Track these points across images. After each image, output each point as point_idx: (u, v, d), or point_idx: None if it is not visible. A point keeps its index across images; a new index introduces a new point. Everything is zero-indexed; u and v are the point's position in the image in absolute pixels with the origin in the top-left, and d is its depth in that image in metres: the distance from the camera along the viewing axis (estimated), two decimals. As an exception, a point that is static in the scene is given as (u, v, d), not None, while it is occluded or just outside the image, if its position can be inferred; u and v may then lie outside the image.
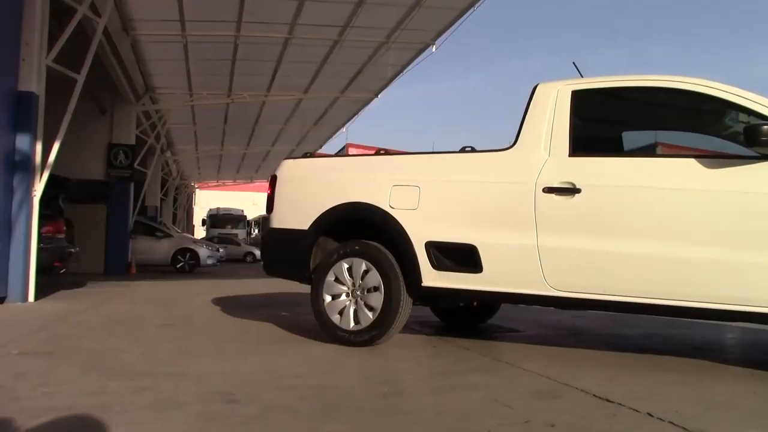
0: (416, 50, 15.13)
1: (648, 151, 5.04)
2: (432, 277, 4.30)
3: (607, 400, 3.00)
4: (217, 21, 13.02)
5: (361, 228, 4.68)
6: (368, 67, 16.18)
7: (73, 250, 9.87)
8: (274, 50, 14.74)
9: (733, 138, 3.95)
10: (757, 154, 3.51)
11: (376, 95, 19.02)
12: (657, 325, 5.62)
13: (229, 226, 38.47)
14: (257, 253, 28.23)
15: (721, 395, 3.25)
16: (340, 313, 4.56)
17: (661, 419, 2.68)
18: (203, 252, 18.87)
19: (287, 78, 16.89)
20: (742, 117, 3.81)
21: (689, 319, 4.27)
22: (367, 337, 4.44)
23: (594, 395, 3.10)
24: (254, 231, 40.10)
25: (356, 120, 22.37)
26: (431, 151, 4.95)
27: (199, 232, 41.10)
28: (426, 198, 4.36)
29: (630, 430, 2.59)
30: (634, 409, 2.83)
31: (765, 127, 3.40)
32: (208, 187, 46.77)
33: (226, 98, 18.25)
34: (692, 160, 3.71)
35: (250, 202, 46.51)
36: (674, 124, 4.88)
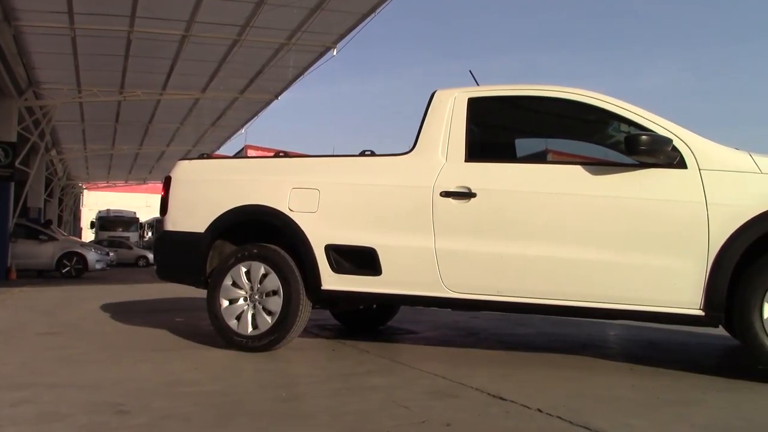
0: (317, 53, 15.12)
1: (539, 157, 5.26)
2: (332, 281, 4.29)
3: (501, 398, 3.10)
4: (109, 15, 12.47)
5: (260, 231, 4.61)
6: (269, 69, 16.00)
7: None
8: (171, 47, 14.29)
9: (615, 147, 4.19)
10: (637, 162, 3.75)
11: (277, 97, 18.84)
12: (547, 324, 5.87)
13: (121, 229, 36.82)
14: (150, 256, 27.16)
15: (604, 389, 3.44)
16: (238, 317, 4.47)
17: (550, 414, 2.81)
18: (91, 256, 17.91)
19: (184, 76, 16.41)
20: (624, 127, 4.05)
21: (577, 318, 4.49)
22: (266, 341, 4.37)
23: (488, 393, 3.20)
24: (147, 234, 38.58)
25: (256, 121, 22.09)
26: (331, 154, 4.94)
27: (88, 235, 39.08)
28: (326, 201, 4.35)
29: (522, 426, 2.69)
30: (526, 406, 2.95)
31: (643, 137, 3.64)
32: (98, 188, 44.65)
33: (118, 95, 17.50)
34: (579, 167, 3.90)
35: (143, 204, 44.78)
36: (563, 132, 5.12)
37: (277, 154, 4.99)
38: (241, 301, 4.50)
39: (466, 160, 4.13)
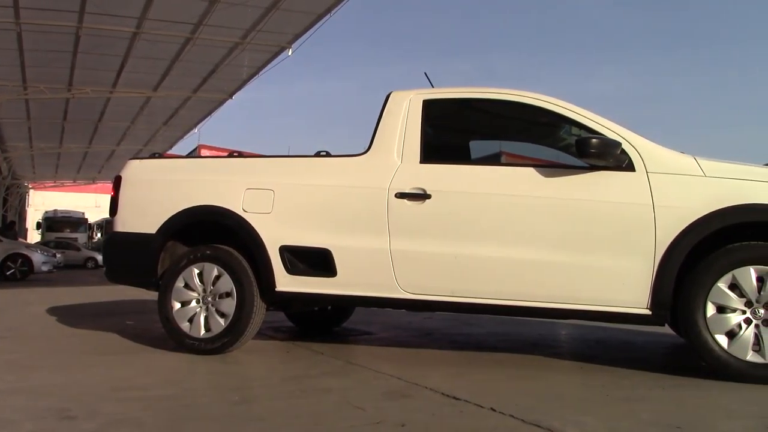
0: (272, 52, 15.02)
1: (493, 159, 5.33)
2: (286, 282, 4.26)
3: (454, 398, 3.13)
4: (57, 10, 12.13)
5: (213, 232, 4.55)
6: (222, 68, 15.82)
7: None
8: (121, 44, 14.00)
9: (566, 149, 4.28)
10: (587, 165, 3.83)
11: (231, 96, 18.65)
12: (498, 324, 5.95)
13: (68, 230, 35.77)
14: (99, 258, 26.50)
15: (554, 387, 3.51)
16: (190, 320, 4.40)
17: (502, 413, 2.84)
18: (37, 257, 17.34)
19: (135, 74, 16.09)
20: (575, 130, 4.14)
21: (528, 318, 4.56)
22: (219, 344, 4.31)
23: (442, 393, 3.22)
24: (96, 235, 37.61)
25: (209, 121, 21.85)
26: (286, 154, 4.91)
27: (34, 237, 37.88)
28: (280, 202, 4.32)
29: (475, 425, 2.72)
30: (479, 405, 2.98)
31: (593, 140, 3.72)
32: (45, 188, 43.36)
33: (66, 93, 17.02)
34: (532, 169, 3.97)
35: (92, 204, 43.57)
36: (517, 134, 5.21)
37: (231, 154, 4.94)
38: (193, 303, 4.43)
39: (421, 162, 4.15)
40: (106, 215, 5.59)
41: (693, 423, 2.79)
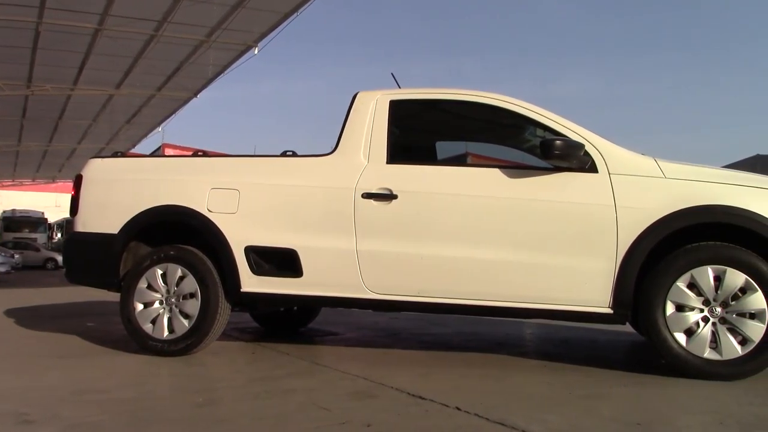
0: (238, 51, 14.91)
1: (459, 160, 5.36)
2: (252, 283, 4.23)
3: (420, 397, 3.14)
4: (15, 5, 11.84)
5: (177, 232, 4.49)
6: (187, 66, 15.64)
7: None
8: (83, 41, 13.74)
9: (531, 151, 4.33)
10: (551, 166, 3.88)
11: (196, 95, 18.44)
12: (464, 324, 5.99)
13: (27, 230, 34.99)
14: (60, 259, 25.94)
15: (520, 386, 3.54)
16: (153, 321, 4.34)
17: (468, 412, 2.86)
18: (-6, 258, 16.94)
19: (97, 71, 15.81)
20: (539, 132, 4.19)
21: (494, 318, 4.61)
22: (183, 345, 4.26)
23: (408, 393, 3.23)
24: (57, 235, 36.83)
25: (173, 120, 21.58)
26: (252, 154, 4.87)
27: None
28: (246, 202, 4.28)
29: (440, 424, 2.73)
30: (444, 404, 3.00)
31: (557, 142, 3.77)
32: (2, 187, 42.27)
33: (25, 89, 16.62)
34: (497, 170, 4.01)
35: (52, 204, 42.63)
36: (483, 135, 5.25)
37: (196, 154, 4.89)
38: (156, 305, 4.37)
39: (387, 162, 4.16)
40: (67, 215, 5.47)
41: (652, 419, 2.85)
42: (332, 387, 3.45)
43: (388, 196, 4.02)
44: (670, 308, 3.59)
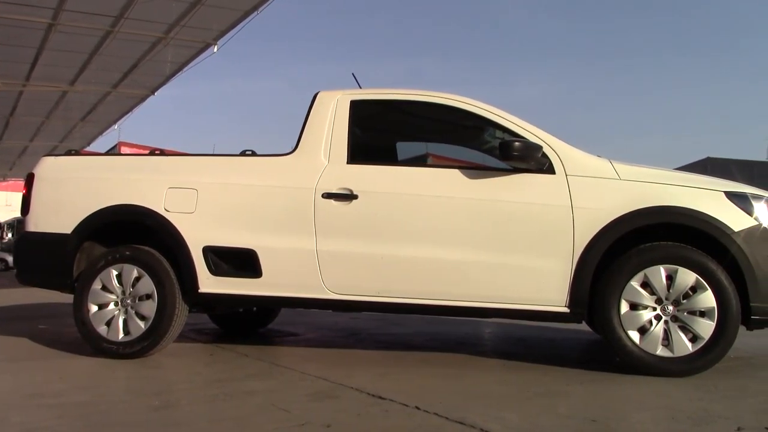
0: (197, 48, 14.70)
1: (420, 160, 5.39)
2: (210, 283, 4.18)
3: (380, 397, 3.14)
4: (-36, -2, 11.47)
5: (133, 232, 4.41)
6: (145, 63, 15.35)
7: None
8: (36, 36, 13.37)
9: (490, 152, 4.37)
10: (510, 167, 3.93)
11: (153, 92, 18.12)
12: (426, 324, 6.02)
13: (-24, 230, 33.91)
14: (10, 259, 25.19)
15: (478, 385, 3.58)
16: (108, 323, 4.25)
17: (427, 411, 2.88)
18: (-59, 259, 16.36)
19: (51, 67, 15.41)
20: (499, 133, 4.24)
21: (454, 317, 4.64)
22: (138, 347, 4.18)
23: (368, 393, 3.23)
24: (7, 235, 35.75)
25: (130, 117, 21.17)
26: (211, 153, 4.81)
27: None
28: (204, 201, 4.23)
29: (400, 424, 2.74)
30: (404, 404, 3.01)
31: (516, 143, 3.82)
32: (-50, 185, 40.89)
33: (-27, 85, 16.10)
34: (457, 171, 4.04)
35: (2, 203, 41.41)
36: (443, 136, 5.28)
37: (153, 152, 4.81)
38: (111, 306, 4.28)
39: (348, 162, 4.15)
40: (18, 214, 5.33)
41: (607, 415, 2.91)
42: (292, 388, 3.43)
43: (349, 197, 4.02)
44: (624, 307, 3.67)
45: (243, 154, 4.50)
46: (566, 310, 3.76)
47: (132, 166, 4.65)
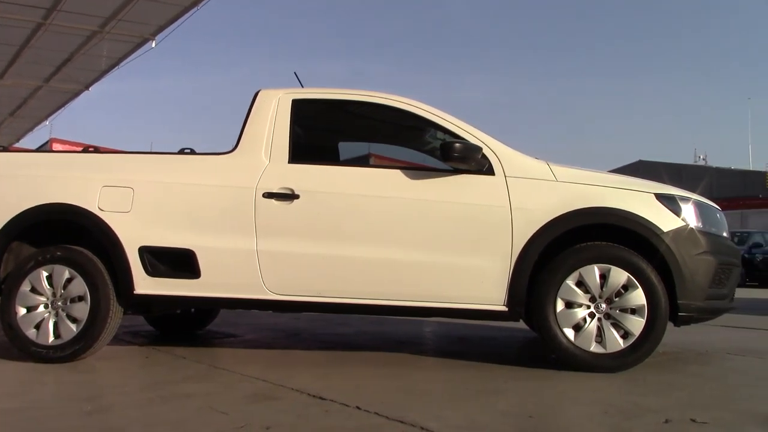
0: (134, 43, 14.33)
1: (362, 161, 5.40)
2: (146, 284, 4.08)
3: (321, 398, 3.13)
4: None
5: (65, 232, 4.26)
6: (79, 57, 14.86)
7: None
8: (-40, 26, 12.76)
9: (432, 153, 4.42)
10: (451, 168, 3.98)
11: (87, 88, 17.56)
12: (367, 324, 6.03)
13: None
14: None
15: (419, 384, 3.61)
16: (37, 326, 4.08)
17: (368, 411, 2.88)
18: None
19: (-23, 59, 14.73)
20: (440, 135, 4.29)
21: (395, 317, 4.67)
22: (70, 351, 4.04)
23: (308, 394, 3.21)
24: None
25: (63, 113, 20.45)
26: (148, 151, 4.69)
27: None
28: (140, 200, 4.12)
29: (340, 424, 2.74)
30: (345, 404, 3.00)
31: (456, 144, 3.88)
32: None
33: None
34: (399, 171, 4.06)
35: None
36: (385, 137, 5.31)
37: (87, 150, 4.66)
38: (41, 309, 4.12)
39: (289, 162, 4.12)
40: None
41: (543, 411, 2.98)
42: (231, 390, 3.38)
43: (290, 196, 3.99)
44: (560, 305, 3.77)
45: (182, 152, 4.41)
46: (505, 308, 3.83)
47: (64, 163, 4.49)
